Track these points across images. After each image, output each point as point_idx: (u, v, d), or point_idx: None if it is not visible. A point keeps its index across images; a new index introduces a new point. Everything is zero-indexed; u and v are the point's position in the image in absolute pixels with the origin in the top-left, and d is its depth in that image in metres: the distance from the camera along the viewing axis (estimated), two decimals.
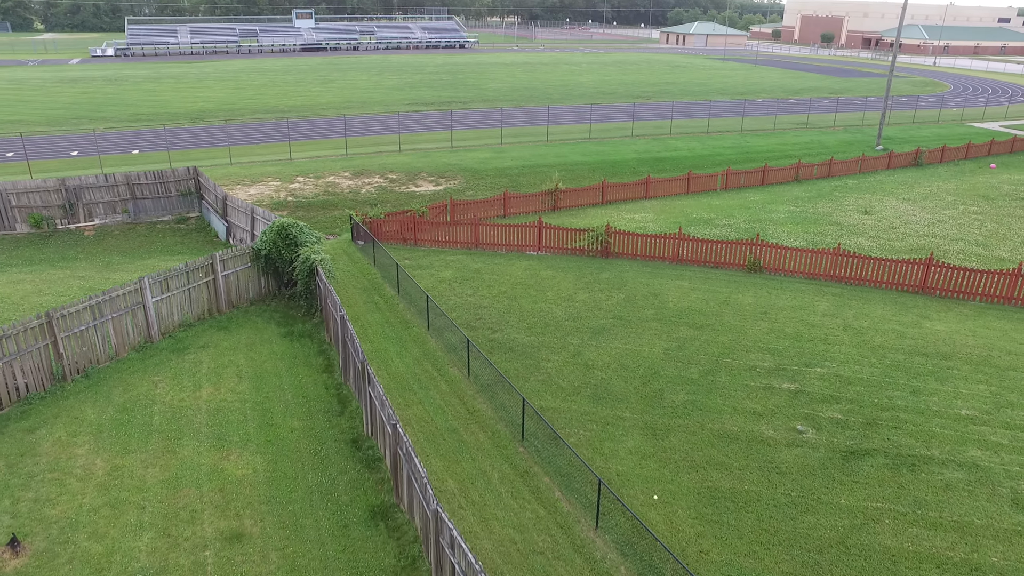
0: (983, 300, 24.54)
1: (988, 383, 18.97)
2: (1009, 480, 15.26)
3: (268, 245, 24.14)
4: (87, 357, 19.13)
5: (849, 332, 21.91)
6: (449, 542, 11.79)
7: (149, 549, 13.22)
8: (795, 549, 13.64)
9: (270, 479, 15.34)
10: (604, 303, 24.18)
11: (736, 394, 18.61)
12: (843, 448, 16.41)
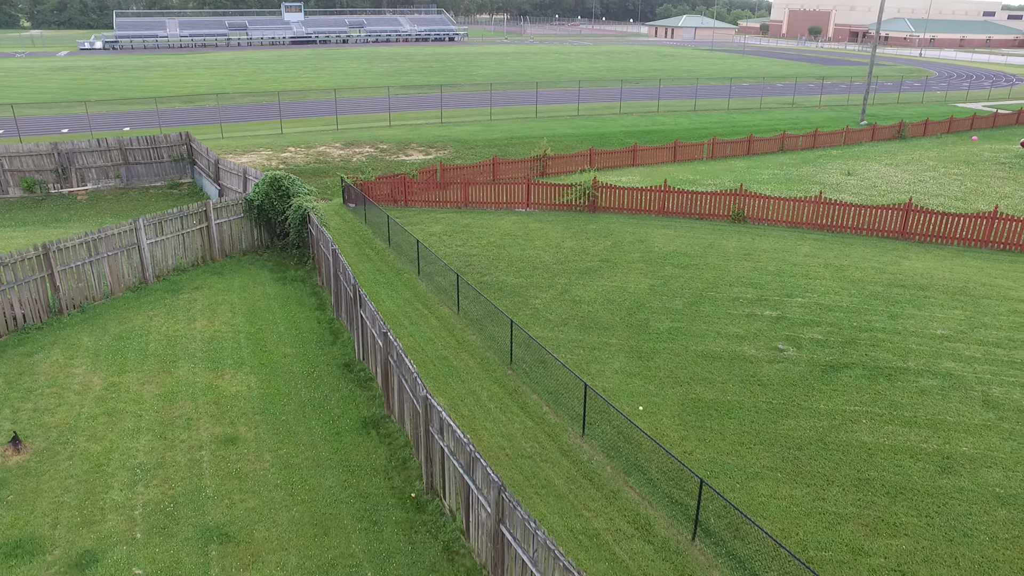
0: (960, 244, 25.11)
1: (963, 308, 19.52)
2: (980, 385, 15.78)
3: (261, 196, 24.47)
4: (83, 293, 19.44)
5: (830, 269, 22.44)
6: (439, 428, 12.20)
7: (146, 449, 13.58)
8: (775, 447, 14.11)
9: (264, 394, 15.71)
10: (591, 249, 24.64)
11: (719, 321, 19.08)
12: (822, 363, 16.91)
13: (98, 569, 10.65)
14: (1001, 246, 24.60)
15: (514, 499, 9.70)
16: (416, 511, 12.37)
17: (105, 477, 12.70)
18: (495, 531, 10.29)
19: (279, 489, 12.67)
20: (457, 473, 11.65)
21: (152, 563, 10.84)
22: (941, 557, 11.37)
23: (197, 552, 11.13)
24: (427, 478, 12.97)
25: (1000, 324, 18.69)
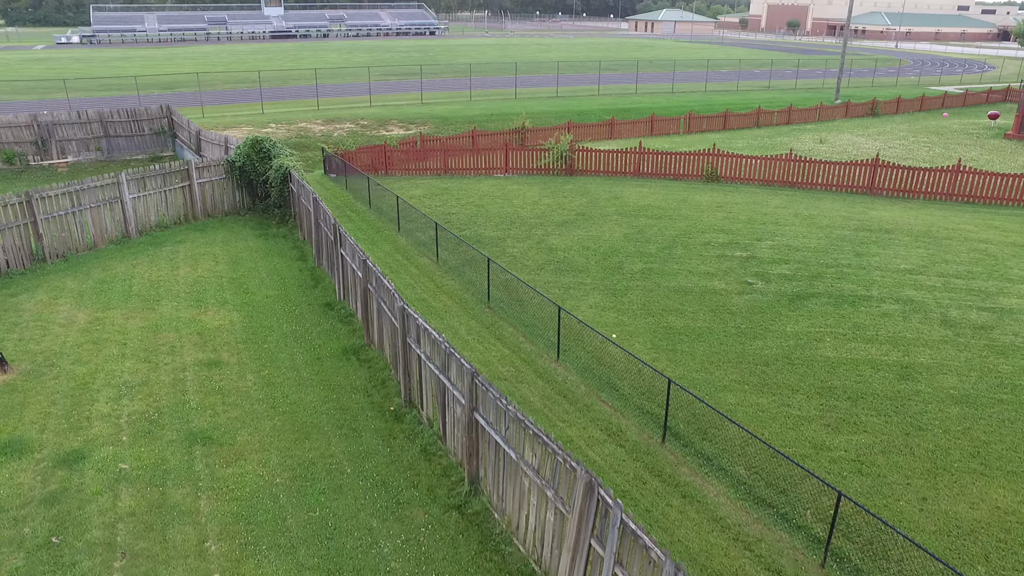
0: (926, 197, 25.84)
1: (926, 248, 20.19)
2: (940, 308, 16.42)
3: (242, 158, 24.76)
4: (66, 244, 19.69)
5: (799, 218, 23.07)
6: (415, 337, 12.62)
7: (131, 371, 13.91)
8: (743, 364, 14.64)
9: (246, 327, 16.07)
10: (567, 205, 25.14)
11: (691, 261, 19.63)
12: (789, 293, 17.48)
13: (85, 465, 10.99)
14: (965, 199, 25.34)
15: (486, 382, 10.15)
16: (395, 421, 12.79)
17: (91, 393, 13.02)
18: (469, 421, 10.74)
19: (261, 403, 13.05)
20: (433, 377, 12.08)
21: (138, 460, 11.19)
22: (897, 448, 11.93)
23: (182, 452, 11.49)
24: (405, 392, 13.39)
25: (960, 260, 19.37)
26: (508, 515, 10.20)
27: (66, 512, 9.95)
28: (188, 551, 9.38)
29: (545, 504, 9.07)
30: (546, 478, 9.01)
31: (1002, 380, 13.61)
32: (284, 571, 9.13)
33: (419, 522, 10.18)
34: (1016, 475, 11.11)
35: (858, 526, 10.36)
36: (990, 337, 15.18)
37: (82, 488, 10.46)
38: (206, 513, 10.10)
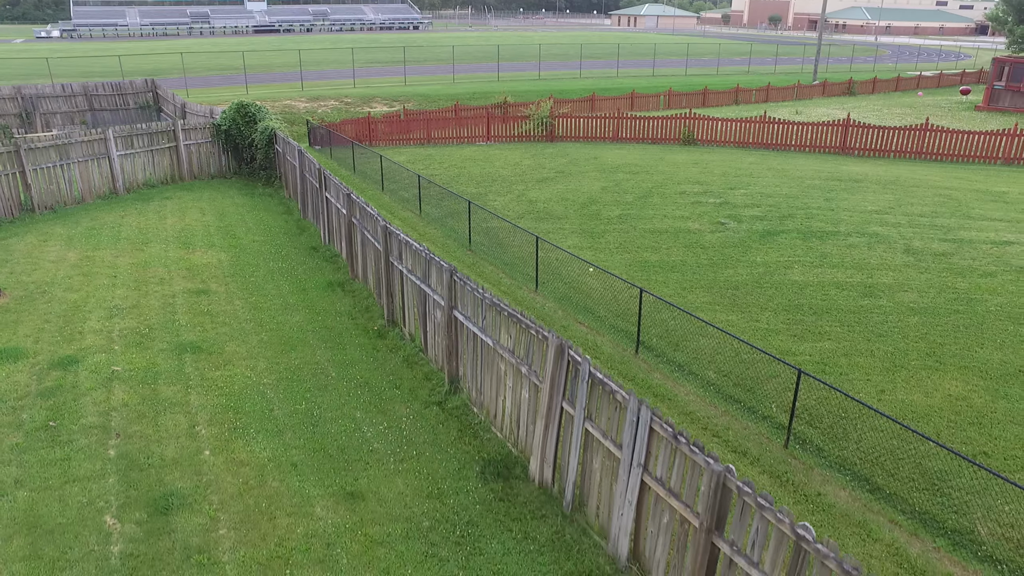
0: (896, 156, 26.58)
1: (893, 194, 20.90)
2: (903, 240, 17.10)
3: (228, 121, 25.13)
4: (54, 197, 20.03)
5: (772, 171, 23.74)
6: (398, 254, 13.12)
7: (122, 297, 14.33)
8: (714, 289, 15.24)
9: (233, 264, 16.51)
10: (547, 164, 25.70)
11: (666, 208, 20.24)
12: (760, 231, 18.11)
13: (79, 368, 11.42)
14: (933, 156, 26.11)
15: (464, 277, 10.67)
16: (378, 338, 13.28)
17: (83, 314, 13.44)
18: (449, 320, 11.25)
19: (248, 322, 13.50)
20: (415, 290, 12.57)
21: (129, 364, 11.63)
22: (859, 351, 12.55)
23: (172, 359, 11.94)
24: (388, 313, 13.89)
25: (925, 202, 20.09)
26: (486, 406, 10.72)
27: (62, 403, 10.38)
28: (179, 433, 9.84)
29: (520, 382, 9.60)
30: (520, 356, 9.54)
31: (958, 295, 14.28)
32: (271, 449, 9.60)
33: (401, 415, 10.68)
34: (967, 369, 11.76)
35: (820, 415, 10.95)
36: (949, 262, 15.87)
37: (76, 385, 10.89)
38: (196, 405, 10.57)
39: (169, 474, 8.89)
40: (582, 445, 8.50)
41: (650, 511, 7.51)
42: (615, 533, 8.00)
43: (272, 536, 7.96)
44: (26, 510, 8.14)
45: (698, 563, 6.74)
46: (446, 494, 8.89)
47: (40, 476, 8.73)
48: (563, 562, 7.84)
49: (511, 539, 8.19)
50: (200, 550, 7.67)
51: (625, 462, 7.69)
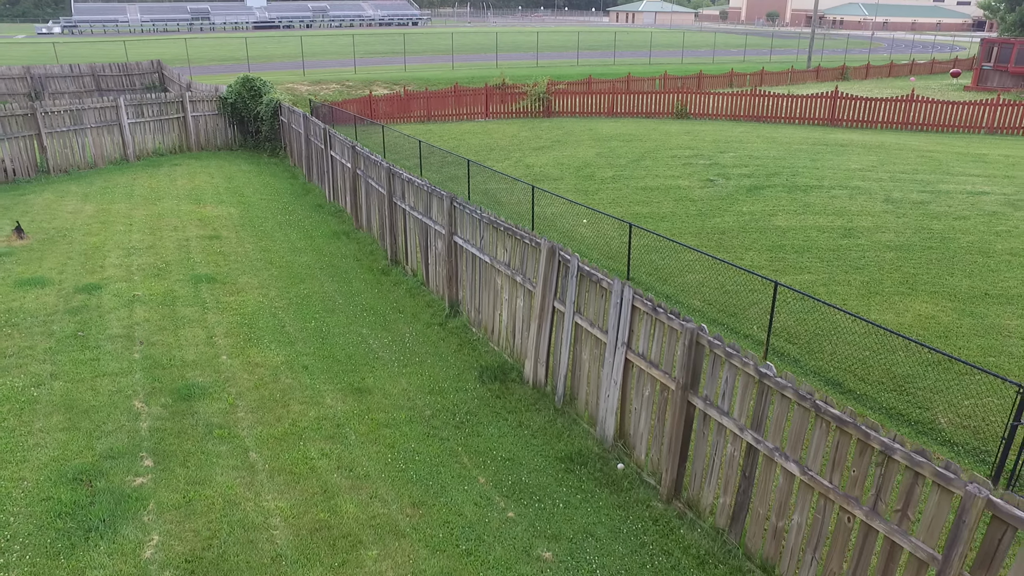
0: (883, 127, 27.34)
1: (877, 155, 21.66)
2: (884, 192, 17.87)
3: (234, 95, 25.88)
4: (68, 160, 20.78)
5: (761, 138, 24.50)
6: (400, 193, 13.88)
7: (138, 240, 15.09)
8: (702, 235, 15.99)
9: (243, 217, 17.26)
10: (544, 135, 26.45)
11: (658, 169, 20.99)
12: (747, 186, 18.87)
13: (102, 293, 12.18)
14: (919, 127, 26.86)
15: (463, 202, 11.43)
16: (382, 275, 14.03)
17: (102, 252, 14.20)
18: (449, 245, 12.00)
19: (259, 261, 14.26)
20: (418, 226, 13.33)
21: (150, 292, 12.39)
22: (837, 282, 13.30)
23: (189, 287, 12.70)
24: (391, 253, 14.65)
25: (907, 161, 20.86)
26: (484, 324, 11.47)
27: (88, 319, 11.14)
28: (198, 342, 10.60)
29: (516, 291, 10.35)
30: (516, 267, 10.30)
31: (933, 235, 15.04)
32: (284, 355, 10.36)
33: (404, 332, 11.43)
34: (938, 294, 12.52)
35: (798, 334, 11.69)
36: (926, 209, 16.63)
37: (100, 306, 11.65)
38: (212, 322, 11.33)
39: (190, 372, 9.65)
40: (572, 339, 9.25)
41: (633, 387, 8.26)
42: (602, 416, 8.75)
43: (286, 418, 8.71)
44: (62, 395, 8.90)
45: (676, 422, 7.49)
46: (446, 391, 9.64)
47: (72, 372, 9.49)
48: (554, 443, 8.58)
49: (507, 426, 8.94)
50: (220, 427, 8.43)
51: (611, 345, 8.44)
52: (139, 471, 7.47)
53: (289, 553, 6.45)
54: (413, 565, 6.41)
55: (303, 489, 7.36)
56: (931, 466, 5.13)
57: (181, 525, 6.73)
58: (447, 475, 7.80)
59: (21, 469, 7.40)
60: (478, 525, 7.03)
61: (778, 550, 6.55)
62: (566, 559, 6.66)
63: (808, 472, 6.07)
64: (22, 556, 6.24)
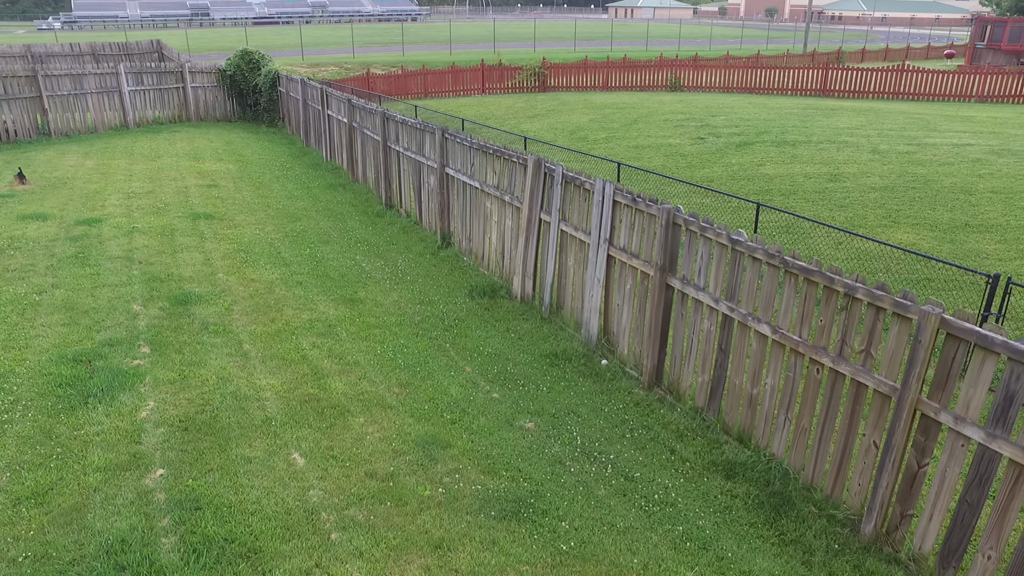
0: (875, 97, 27.61)
1: (866, 117, 21.94)
2: (870, 144, 18.14)
3: (233, 67, 26.16)
4: (69, 124, 21.07)
5: (753, 104, 24.78)
6: (395, 136, 14.17)
7: (138, 187, 15.38)
8: None
9: (241, 172, 17.54)
10: (539, 106, 26.74)
11: (650, 130, 21.28)
12: (737, 143, 19.15)
13: (103, 225, 12.47)
14: (910, 96, 27.13)
15: (454, 133, 11.71)
16: (376, 217, 14.32)
17: (103, 196, 14.49)
18: (441, 179, 12.29)
19: (256, 204, 14.55)
20: (411, 166, 13.62)
21: (149, 225, 12.68)
22: (822, 217, 13.58)
23: (187, 222, 12.99)
24: (386, 198, 14.94)
25: (896, 121, 21.14)
26: (475, 252, 11.76)
27: (89, 245, 11.44)
28: (195, 263, 10.88)
29: (504, 212, 10.63)
30: (504, 187, 10.58)
31: (916, 178, 15.31)
32: (279, 273, 10.64)
33: (396, 259, 11.72)
34: (919, 225, 12.79)
35: None
36: (911, 158, 16.90)
37: (101, 235, 11.95)
38: (210, 248, 11.61)
39: (187, 284, 9.94)
40: (558, 247, 9.53)
41: (616, 283, 8.54)
42: (587, 318, 9.03)
43: (280, 320, 9.00)
44: (63, 300, 9.19)
45: (655, 308, 7.76)
46: (436, 303, 9.92)
47: (73, 283, 9.78)
48: (540, 344, 8.87)
49: (494, 331, 9.22)
50: (215, 325, 8.71)
51: (593, 244, 8.72)
52: (136, 356, 7.76)
53: (279, 418, 6.73)
54: (398, 430, 6.69)
55: (294, 371, 7.65)
56: (890, 298, 5.40)
57: (176, 395, 7.01)
58: (434, 364, 8.08)
59: (23, 353, 7.68)
60: (463, 401, 7.31)
61: (753, 418, 6.82)
62: (548, 429, 6.94)
63: (779, 331, 6.34)
64: (24, 415, 6.52)
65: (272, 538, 5.12)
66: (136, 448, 6.10)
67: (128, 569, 4.71)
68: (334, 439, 6.45)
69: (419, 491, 5.79)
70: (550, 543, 5.33)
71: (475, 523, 5.47)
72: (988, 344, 4.84)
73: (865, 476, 5.79)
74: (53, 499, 5.41)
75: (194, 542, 4.99)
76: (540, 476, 6.15)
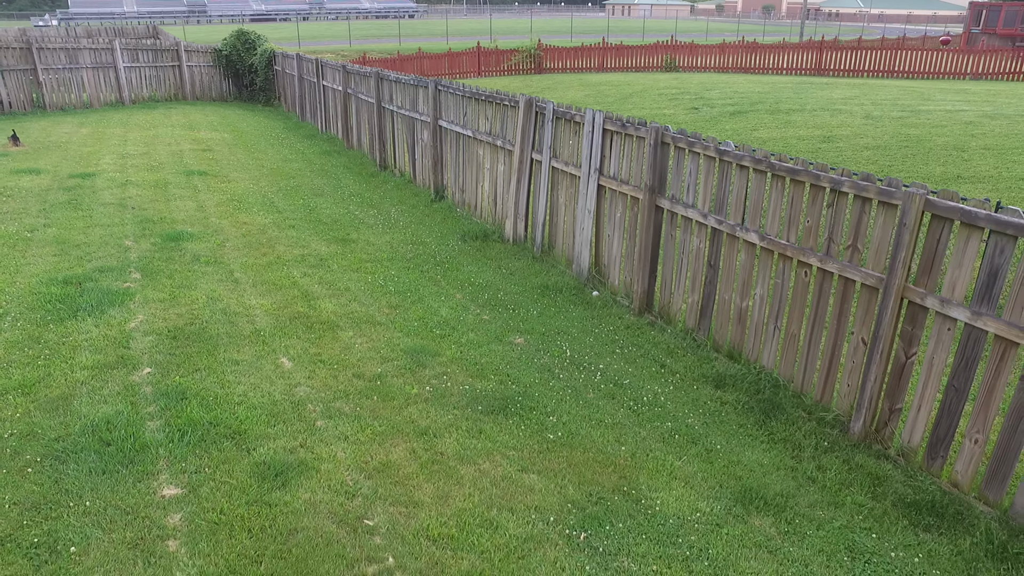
0: (870, 75, 27.65)
1: (861, 89, 21.97)
2: (863, 111, 18.15)
3: (229, 47, 26.18)
4: (64, 99, 21.08)
5: (749, 81, 24.81)
6: (389, 96, 14.19)
7: (133, 149, 15.40)
8: None
9: (236, 140, 17.55)
10: (534, 85, 26.78)
11: (644, 103, 21.30)
12: (731, 112, 19.17)
13: (96, 179, 12.48)
14: (905, 75, 27.18)
15: (447, 84, 11.72)
16: (371, 177, 14.33)
17: (97, 156, 14.50)
18: (434, 131, 12.31)
19: (250, 164, 14.56)
20: (405, 123, 13.63)
21: (143, 180, 12.68)
22: None
23: (181, 177, 13.00)
24: (380, 160, 14.96)
25: (890, 93, 21.18)
26: (468, 202, 11.77)
27: (82, 194, 11.44)
28: (188, 209, 10.89)
29: (496, 157, 10.65)
30: (496, 132, 10.60)
31: (910, 139, 15.34)
32: (272, 218, 10.65)
33: (391, 209, 11.73)
34: (912, 177, 12.80)
35: None
36: (905, 122, 16.92)
37: (94, 186, 11.96)
38: (203, 199, 11.62)
39: (180, 225, 9.95)
40: (549, 185, 9.55)
41: (606, 213, 8.56)
42: (578, 252, 9.04)
43: (271, 254, 9.01)
44: (55, 236, 9.20)
45: (645, 231, 7.77)
46: (428, 244, 9.94)
47: (66, 224, 9.79)
48: (532, 279, 8.88)
49: (486, 267, 9.23)
50: (207, 257, 8.72)
51: (584, 176, 8.74)
52: (127, 280, 7.76)
53: (267, 330, 6.74)
54: (387, 341, 6.70)
55: (284, 294, 7.65)
56: (875, 187, 5.41)
57: (165, 311, 7.02)
58: (425, 291, 8.10)
59: (14, 277, 7.69)
60: (452, 320, 7.32)
61: (743, 333, 6.82)
62: (537, 344, 6.95)
63: (767, 237, 6.35)
64: (13, 325, 6.52)
65: (257, 423, 5.13)
66: (124, 352, 6.10)
67: (113, 444, 4.72)
68: (323, 348, 6.46)
69: (406, 389, 5.80)
70: (537, 433, 5.34)
71: (462, 416, 5.48)
72: (972, 220, 4.85)
73: (854, 376, 5.79)
74: (40, 391, 5.41)
75: (179, 424, 5.00)
76: (528, 380, 6.16)
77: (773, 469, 5.10)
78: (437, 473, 4.71)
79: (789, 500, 4.69)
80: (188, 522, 4.06)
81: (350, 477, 4.59)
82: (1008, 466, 4.73)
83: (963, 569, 4.20)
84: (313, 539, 3.99)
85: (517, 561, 3.96)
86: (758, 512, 4.61)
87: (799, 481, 4.98)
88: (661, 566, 4.04)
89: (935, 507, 4.73)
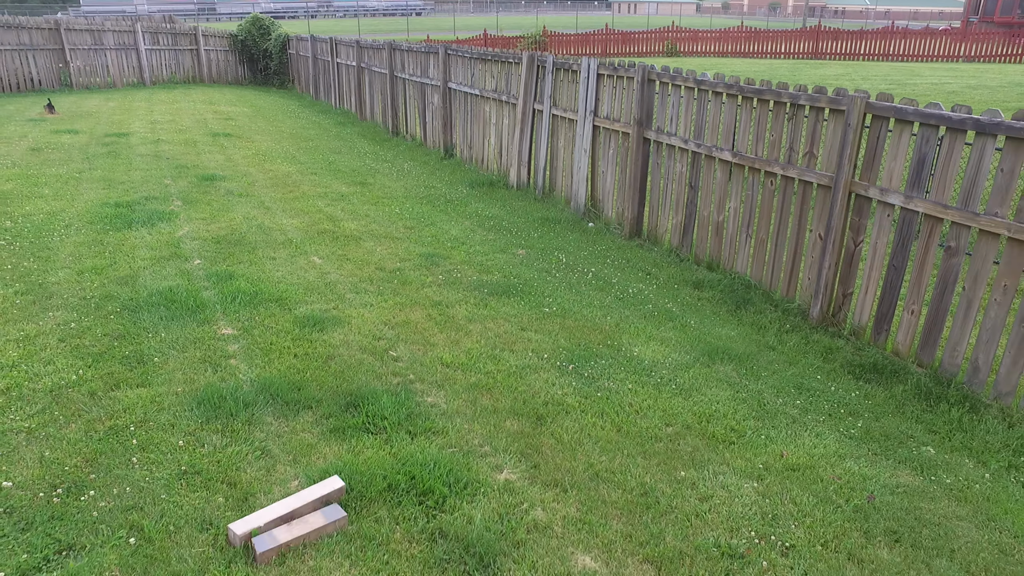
0: (866, 59, 28.44)
1: (853, 68, 22.83)
2: (854, 85, 18.97)
3: (245, 32, 27.17)
4: (89, 78, 22.09)
5: (745, 62, 25.64)
6: (401, 65, 15.10)
7: (160, 117, 16.36)
8: None
9: (255, 113, 18.51)
10: None
11: None
12: None
13: (130, 138, 13.44)
14: (900, 58, 27.96)
15: (456, 47, 12.63)
16: (384, 141, 15.25)
17: (128, 123, 15.47)
18: (444, 94, 13.21)
19: (269, 129, 15.51)
20: (416, 91, 14.53)
21: (173, 139, 13.65)
22: None
23: (208, 138, 13.95)
24: (393, 127, 15.88)
25: (881, 70, 21.96)
26: (475, 158, 12.68)
27: (118, 148, 12.41)
28: (218, 160, 11.84)
29: (501, 112, 11.54)
30: (501, 89, 11.50)
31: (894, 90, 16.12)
32: (295, 168, 11.59)
33: (403, 164, 12.65)
34: None
35: None
36: (893, 91, 17.73)
37: (129, 143, 12.92)
38: (231, 154, 12.57)
39: (212, 170, 10.90)
40: (549, 132, 10.45)
41: (601, 151, 9.45)
42: (575, 189, 9.94)
43: (297, 191, 9.94)
44: (102, 176, 10.16)
45: (635, 161, 8.66)
46: (439, 189, 10.85)
47: (109, 168, 10.75)
48: (534, 214, 9.78)
49: (492, 205, 10.14)
50: (240, 192, 9.66)
51: (580, 119, 9.63)
52: (171, 205, 8.72)
53: (299, 239, 7.67)
54: (404, 250, 7.61)
55: (311, 216, 8.59)
56: (826, 96, 6.29)
57: (207, 225, 7.96)
58: (437, 218, 9.01)
59: (72, 202, 8.65)
60: (462, 237, 8.23)
61: (720, 245, 7.70)
62: (537, 255, 7.85)
63: (739, 154, 7.23)
64: (79, 232, 7.48)
65: (296, 293, 6.05)
66: (175, 250, 7.04)
67: (176, 302, 5.65)
68: (348, 251, 7.38)
69: (422, 278, 6.72)
70: (535, 308, 6.24)
71: (470, 295, 6.39)
72: (904, 116, 5.71)
73: (813, 270, 6.66)
74: (110, 272, 6.35)
75: (230, 292, 5.93)
76: (528, 276, 7.06)
77: (739, 339, 5.98)
78: (449, 327, 5.62)
79: (750, 358, 5.56)
80: (245, 349, 4.99)
81: (376, 328, 5.50)
82: (937, 331, 5.58)
83: (893, 406, 5.06)
84: (348, 361, 4.91)
85: (516, 379, 4.87)
86: (722, 362, 5.50)
87: (761, 348, 5.86)
88: (636, 386, 4.94)
89: (876, 367, 5.58)
